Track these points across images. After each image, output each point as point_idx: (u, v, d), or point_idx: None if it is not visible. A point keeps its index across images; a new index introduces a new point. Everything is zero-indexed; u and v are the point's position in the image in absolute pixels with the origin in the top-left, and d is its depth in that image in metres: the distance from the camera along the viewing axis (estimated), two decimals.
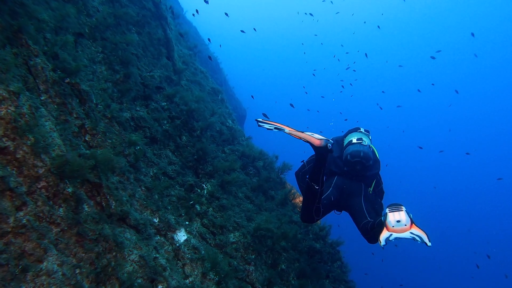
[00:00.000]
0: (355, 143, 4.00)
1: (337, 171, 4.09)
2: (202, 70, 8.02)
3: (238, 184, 5.33)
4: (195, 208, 4.34)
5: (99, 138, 3.68)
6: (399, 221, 2.97)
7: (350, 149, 3.98)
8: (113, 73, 4.65)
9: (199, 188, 4.71)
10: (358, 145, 3.96)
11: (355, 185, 3.99)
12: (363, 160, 3.89)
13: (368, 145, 4.05)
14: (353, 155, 3.90)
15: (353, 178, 4.02)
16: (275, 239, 4.58)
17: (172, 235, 3.91)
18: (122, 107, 4.47)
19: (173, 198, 4.23)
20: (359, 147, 3.92)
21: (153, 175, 4.21)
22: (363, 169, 3.97)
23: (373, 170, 4.09)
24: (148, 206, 3.86)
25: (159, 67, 5.88)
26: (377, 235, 3.13)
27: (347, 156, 3.97)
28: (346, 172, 4.03)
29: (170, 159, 4.69)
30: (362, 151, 3.87)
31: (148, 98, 5.11)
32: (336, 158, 4.14)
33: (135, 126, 4.50)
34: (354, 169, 3.96)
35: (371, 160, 3.95)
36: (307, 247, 5.56)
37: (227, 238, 4.24)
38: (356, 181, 4.04)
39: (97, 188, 3.32)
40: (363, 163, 3.91)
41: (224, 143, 6.15)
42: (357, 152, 3.88)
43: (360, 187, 3.98)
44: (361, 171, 3.97)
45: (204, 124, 5.54)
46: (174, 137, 4.96)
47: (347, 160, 3.97)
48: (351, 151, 3.93)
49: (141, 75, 5.21)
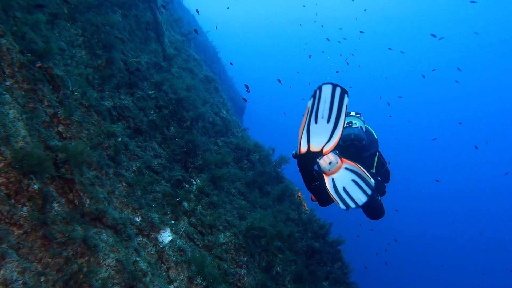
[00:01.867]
0: (345, 128, 3.94)
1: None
2: (195, 58, 7.69)
3: (231, 179, 5.06)
4: (182, 205, 4.07)
5: (74, 128, 3.39)
6: (330, 163, 2.92)
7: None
8: (94, 58, 4.34)
9: (188, 183, 4.43)
10: (347, 128, 3.95)
11: None
12: (355, 142, 3.85)
13: (360, 126, 4.02)
14: (344, 139, 3.87)
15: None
16: (269, 239, 4.32)
17: (155, 236, 3.65)
18: (104, 95, 4.17)
19: (158, 195, 3.96)
20: (349, 130, 3.90)
21: (136, 169, 3.93)
22: (358, 151, 3.92)
23: (370, 150, 4.04)
24: (129, 204, 3.59)
25: (147, 52, 5.57)
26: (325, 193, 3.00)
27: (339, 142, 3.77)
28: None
29: (156, 152, 4.41)
30: (352, 133, 3.85)
31: (134, 85, 4.81)
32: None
33: (118, 116, 4.21)
34: (348, 152, 3.91)
35: (363, 141, 3.89)
36: (306, 246, 5.31)
37: (217, 239, 3.98)
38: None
39: (70, 185, 3.04)
40: (356, 145, 3.86)
41: (217, 134, 5.86)
42: (347, 136, 3.86)
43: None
44: (356, 153, 3.92)
45: (194, 114, 5.24)
46: (161, 128, 4.67)
47: (340, 146, 3.93)
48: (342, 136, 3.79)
49: (126, 61, 4.90)
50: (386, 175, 4.20)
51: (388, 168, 4.22)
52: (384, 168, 4.16)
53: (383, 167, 4.14)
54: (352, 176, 2.89)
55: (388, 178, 4.24)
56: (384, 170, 4.16)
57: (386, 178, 4.19)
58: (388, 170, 4.23)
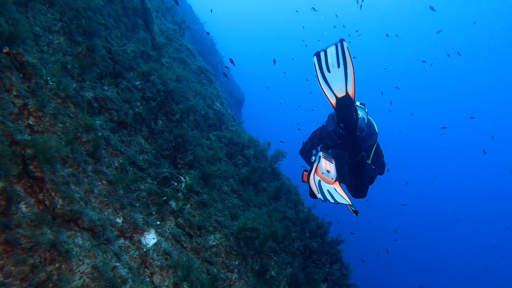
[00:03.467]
0: None
1: (331, 144, 4.12)
2: (188, 47, 7.39)
3: (223, 176, 4.81)
4: (169, 205, 3.82)
5: (47, 121, 3.12)
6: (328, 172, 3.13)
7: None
8: (74, 45, 4.06)
9: (176, 181, 4.18)
10: None
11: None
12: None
13: (362, 117, 4.14)
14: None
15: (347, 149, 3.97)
16: (263, 240, 4.08)
17: (139, 238, 3.40)
18: (84, 86, 3.90)
19: (143, 194, 3.70)
20: None
21: (119, 166, 3.66)
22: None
23: (369, 142, 4.13)
24: (109, 204, 3.33)
25: (134, 40, 5.28)
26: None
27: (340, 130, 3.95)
28: (340, 145, 4.03)
29: (141, 147, 4.14)
30: None
31: (119, 75, 4.54)
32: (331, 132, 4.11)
33: (99, 108, 3.94)
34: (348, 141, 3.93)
35: (364, 132, 3.99)
36: (302, 247, 5.07)
37: (206, 241, 3.73)
38: None
39: (40, 183, 2.78)
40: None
41: (210, 128, 5.59)
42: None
43: None
44: None
45: (185, 107, 4.97)
46: (148, 122, 4.41)
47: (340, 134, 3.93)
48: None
49: (111, 49, 4.61)
50: (382, 167, 4.26)
51: (384, 161, 4.29)
52: (380, 161, 4.23)
53: (379, 159, 4.21)
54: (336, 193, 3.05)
55: (383, 170, 4.30)
56: (380, 162, 4.22)
57: (381, 171, 4.26)
58: (384, 163, 4.30)
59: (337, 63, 3.10)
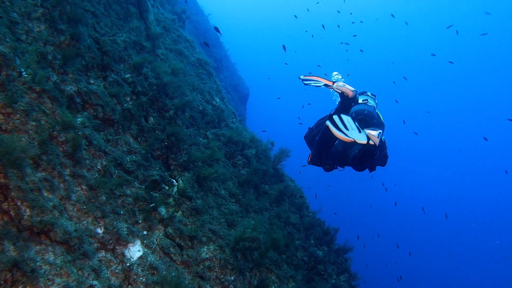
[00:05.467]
0: (360, 103, 4.37)
1: None
2: (187, 39, 7.02)
3: (221, 179, 4.46)
4: (158, 212, 3.48)
5: (17, 119, 2.80)
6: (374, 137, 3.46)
7: (355, 107, 4.34)
8: (56, 34, 3.72)
9: (168, 184, 3.84)
10: (363, 104, 4.32)
11: None
12: (367, 118, 4.20)
13: (373, 106, 4.43)
14: (358, 113, 4.22)
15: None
16: (263, 251, 3.74)
17: (122, 251, 3.07)
18: (65, 79, 3.56)
19: (128, 200, 3.37)
20: (364, 106, 4.26)
21: (102, 168, 3.33)
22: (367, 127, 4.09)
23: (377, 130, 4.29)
24: (89, 212, 3.01)
25: (127, 30, 4.92)
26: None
27: (352, 114, 4.30)
28: None
29: (130, 147, 3.81)
30: (366, 109, 4.21)
31: (107, 68, 4.20)
32: None
33: (83, 103, 3.61)
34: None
35: (374, 119, 4.25)
36: (307, 256, 4.73)
37: (198, 253, 3.39)
38: None
39: (4, 191, 2.46)
40: (367, 121, 4.22)
41: (208, 126, 5.24)
42: (361, 110, 4.21)
43: None
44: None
45: (180, 103, 4.63)
46: (137, 119, 4.07)
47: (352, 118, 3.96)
48: (356, 109, 4.28)
49: (99, 38, 4.27)
50: (384, 159, 4.44)
51: (387, 153, 4.47)
52: (384, 153, 4.38)
53: (383, 151, 4.34)
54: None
55: (385, 162, 4.49)
56: (383, 154, 4.37)
57: (383, 162, 4.45)
58: (387, 155, 4.48)
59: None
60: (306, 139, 4.87)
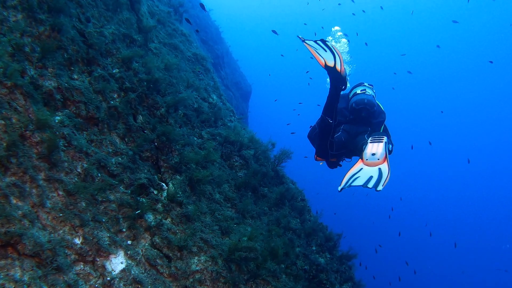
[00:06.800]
0: (359, 93, 4.48)
1: (344, 120, 4.54)
2: (184, 33, 6.74)
3: (216, 182, 4.19)
4: (144, 219, 3.21)
5: None
6: (374, 154, 3.46)
7: (354, 98, 4.45)
8: (35, 24, 3.46)
9: (157, 188, 3.57)
10: (362, 94, 4.43)
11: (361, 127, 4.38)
12: (367, 107, 4.28)
13: (372, 95, 4.50)
14: (358, 102, 4.33)
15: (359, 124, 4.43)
16: (261, 261, 3.46)
17: (103, 263, 2.81)
18: (44, 73, 3.30)
19: (112, 206, 3.10)
20: (363, 96, 4.37)
21: (82, 172, 3.07)
22: (368, 116, 4.36)
23: (378, 118, 4.47)
24: (66, 220, 2.74)
25: (116, 22, 4.65)
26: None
27: (352, 105, 4.42)
28: (352, 120, 4.47)
29: (115, 148, 3.54)
30: (366, 98, 4.31)
31: (93, 62, 3.93)
32: (343, 109, 4.58)
33: (63, 100, 3.34)
34: (359, 116, 4.37)
35: (375, 107, 4.35)
36: (308, 264, 4.45)
37: (188, 265, 3.12)
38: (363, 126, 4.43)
39: None
40: (367, 109, 4.30)
41: (203, 125, 4.96)
42: (361, 100, 4.31)
43: (367, 129, 4.36)
44: (366, 118, 4.37)
45: (172, 100, 4.36)
46: (125, 117, 3.80)
47: (353, 108, 4.40)
48: (356, 99, 4.39)
49: (84, 30, 3.99)
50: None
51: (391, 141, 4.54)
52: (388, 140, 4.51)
53: (377, 119, 4.51)
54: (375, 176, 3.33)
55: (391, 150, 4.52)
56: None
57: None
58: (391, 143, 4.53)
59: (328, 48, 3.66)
60: (309, 137, 4.90)
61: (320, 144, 4.20)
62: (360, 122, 4.43)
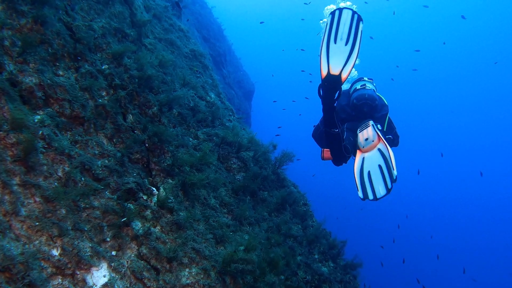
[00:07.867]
0: (359, 89, 4.49)
1: (346, 117, 4.53)
2: (182, 28, 6.52)
3: (212, 186, 3.96)
4: (131, 227, 2.99)
5: None
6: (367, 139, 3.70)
7: (355, 94, 4.46)
8: (16, 16, 3.24)
9: (146, 193, 3.35)
10: (362, 89, 4.45)
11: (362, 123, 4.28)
12: (368, 101, 4.29)
13: (372, 89, 4.51)
14: (358, 98, 4.34)
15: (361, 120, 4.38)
16: (259, 275, 3.23)
17: (83, 276, 2.58)
18: (25, 69, 3.08)
19: (96, 213, 2.88)
20: (363, 91, 4.38)
21: (63, 176, 2.85)
22: (371, 110, 4.36)
23: (381, 112, 4.48)
24: (43, 229, 2.52)
25: (107, 16, 4.43)
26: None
27: (353, 101, 4.43)
28: (355, 116, 4.47)
29: (102, 149, 3.32)
30: (366, 93, 4.31)
31: (80, 57, 3.71)
32: (344, 106, 4.58)
33: (45, 98, 3.12)
34: (361, 111, 4.39)
35: (376, 101, 4.35)
36: (310, 274, 4.21)
37: (178, 278, 2.89)
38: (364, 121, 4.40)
39: None
40: (369, 104, 4.31)
41: (199, 124, 4.73)
42: (361, 95, 4.32)
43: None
44: (369, 113, 4.36)
45: (166, 98, 4.14)
46: (113, 116, 3.58)
47: (354, 104, 4.41)
48: (356, 95, 4.39)
49: (71, 23, 3.78)
50: (396, 139, 4.61)
51: (397, 133, 4.65)
52: (394, 132, 4.60)
53: (392, 131, 4.58)
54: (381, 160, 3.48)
55: (397, 141, 4.65)
56: (393, 133, 4.58)
57: (395, 142, 4.60)
58: (397, 134, 4.66)
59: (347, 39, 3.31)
60: (314, 137, 4.92)
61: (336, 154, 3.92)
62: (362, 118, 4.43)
